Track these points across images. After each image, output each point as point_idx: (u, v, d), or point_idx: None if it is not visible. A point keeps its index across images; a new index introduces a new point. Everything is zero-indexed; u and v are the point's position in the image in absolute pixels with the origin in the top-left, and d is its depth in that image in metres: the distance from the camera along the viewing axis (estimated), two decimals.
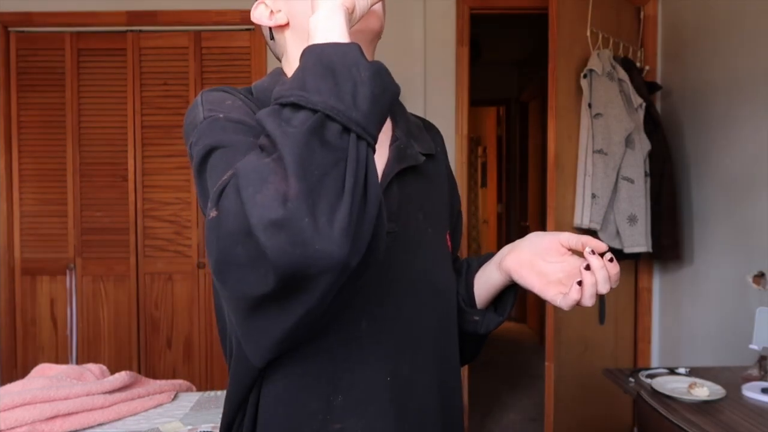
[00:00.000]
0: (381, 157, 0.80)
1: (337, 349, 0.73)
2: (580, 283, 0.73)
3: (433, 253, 0.83)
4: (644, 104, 2.52)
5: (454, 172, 3.08)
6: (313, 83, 0.56)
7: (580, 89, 2.44)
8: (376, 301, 0.75)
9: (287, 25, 0.81)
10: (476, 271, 0.91)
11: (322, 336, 0.72)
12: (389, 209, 0.77)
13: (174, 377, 3.08)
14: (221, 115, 0.69)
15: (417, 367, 0.79)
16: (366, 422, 0.74)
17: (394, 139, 0.83)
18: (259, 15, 0.83)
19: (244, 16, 3.10)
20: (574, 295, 0.73)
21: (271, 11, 0.82)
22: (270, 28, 0.85)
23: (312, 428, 0.73)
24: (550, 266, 0.80)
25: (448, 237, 0.89)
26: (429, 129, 0.95)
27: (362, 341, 0.74)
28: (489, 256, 0.91)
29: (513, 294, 0.89)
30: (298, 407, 0.73)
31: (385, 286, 0.76)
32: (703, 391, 1.62)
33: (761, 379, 1.75)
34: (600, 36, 2.52)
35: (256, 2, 0.83)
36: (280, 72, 0.86)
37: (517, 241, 0.85)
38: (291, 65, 0.83)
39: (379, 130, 0.59)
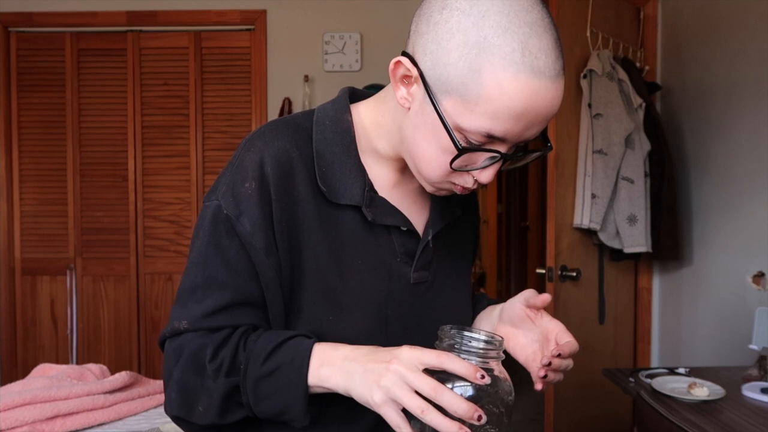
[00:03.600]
0: (425, 208, 0.85)
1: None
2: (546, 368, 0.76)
3: (458, 297, 0.88)
4: (644, 104, 2.52)
5: None
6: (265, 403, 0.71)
7: (580, 89, 2.44)
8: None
9: (408, 108, 0.73)
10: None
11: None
12: (425, 260, 0.82)
13: None
14: (225, 213, 0.74)
15: None
16: None
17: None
18: (396, 73, 0.72)
19: (244, 16, 3.10)
20: (539, 386, 0.78)
21: (408, 76, 0.71)
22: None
23: None
24: (527, 337, 0.82)
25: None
26: None
27: None
28: (484, 305, 0.95)
29: None
30: None
31: (414, 336, 0.78)
32: (703, 391, 1.62)
33: (761, 379, 1.75)
34: (600, 36, 2.52)
35: (399, 57, 0.72)
36: (346, 97, 0.82)
37: (495, 313, 0.88)
38: (380, 118, 0.79)
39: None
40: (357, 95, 0.85)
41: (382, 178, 0.81)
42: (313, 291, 0.76)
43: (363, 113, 0.81)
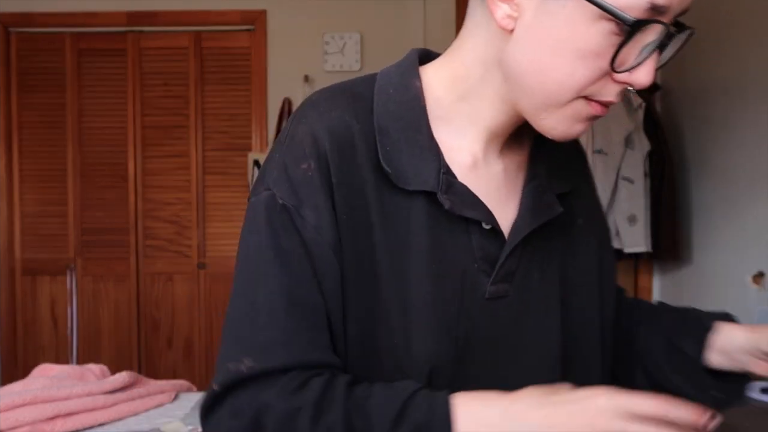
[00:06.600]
0: (511, 200, 0.65)
1: None
2: None
3: (544, 320, 0.66)
4: (644, 104, 2.53)
5: None
6: None
7: None
8: (480, 375, 0.63)
9: (511, 30, 0.57)
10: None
11: None
12: (508, 269, 0.63)
13: (174, 377, 3.08)
14: (280, 203, 0.58)
15: None
16: None
17: (531, 176, 0.66)
18: None
19: (244, 16, 3.10)
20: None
21: None
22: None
23: None
24: None
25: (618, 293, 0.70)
26: (576, 152, 0.76)
27: None
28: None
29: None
30: None
31: (491, 358, 0.63)
32: None
33: (761, 379, 1.75)
34: None
35: None
36: (415, 58, 0.64)
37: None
38: (459, 70, 0.62)
39: None
40: (430, 57, 0.66)
41: (459, 157, 0.62)
42: (368, 303, 0.59)
43: (432, 75, 0.63)
